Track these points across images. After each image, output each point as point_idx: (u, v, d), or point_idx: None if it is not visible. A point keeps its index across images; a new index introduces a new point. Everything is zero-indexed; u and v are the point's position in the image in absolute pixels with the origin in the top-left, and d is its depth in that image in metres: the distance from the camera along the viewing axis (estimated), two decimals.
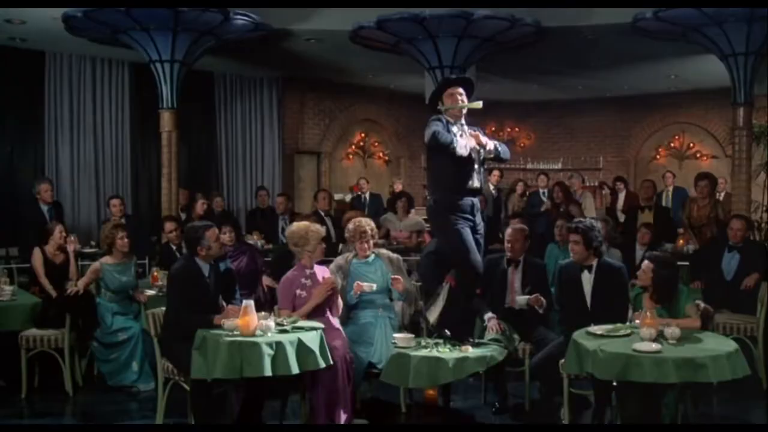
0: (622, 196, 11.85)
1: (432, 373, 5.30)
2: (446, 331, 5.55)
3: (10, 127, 11.15)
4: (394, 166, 16.09)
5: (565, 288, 5.91)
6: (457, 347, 5.47)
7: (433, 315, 5.78)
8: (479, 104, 5.75)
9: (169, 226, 8.51)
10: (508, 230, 6.55)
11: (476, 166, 5.66)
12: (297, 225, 5.95)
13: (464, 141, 5.52)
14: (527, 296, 6.22)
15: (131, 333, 6.85)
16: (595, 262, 5.77)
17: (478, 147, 5.59)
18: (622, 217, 11.27)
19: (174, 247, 8.27)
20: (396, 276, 6.12)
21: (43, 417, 6.21)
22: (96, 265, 7.14)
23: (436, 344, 5.48)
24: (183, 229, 7.45)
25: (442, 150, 5.47)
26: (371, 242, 6.24)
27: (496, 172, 12.99)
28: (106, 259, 7.10)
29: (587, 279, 5.78)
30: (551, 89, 15.05)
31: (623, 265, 5.93)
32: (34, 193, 9.31)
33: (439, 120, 5.60)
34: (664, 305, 5.52)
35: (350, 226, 6.25)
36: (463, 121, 5.70)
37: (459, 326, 5.72)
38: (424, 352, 5.39)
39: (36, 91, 11.31)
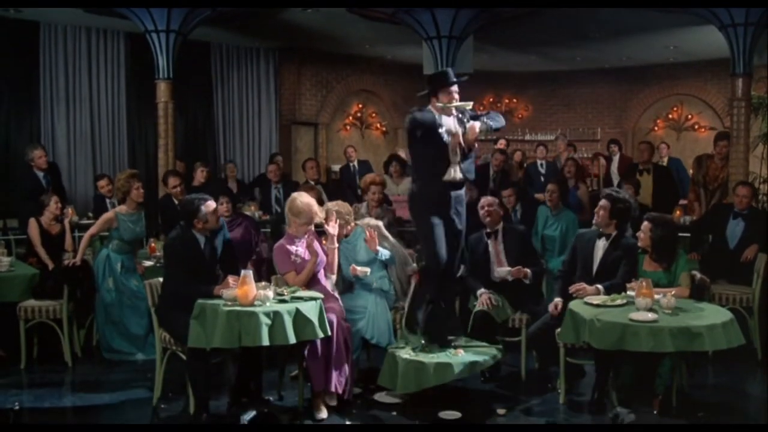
0: (616, 159, 11.81)
1: (418, 377, 5.41)
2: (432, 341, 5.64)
3: (5, 98, 11.08)
4: (391, 137, 16.04)
5: (578, 250, 5.99)
6: (449, 352, 5.57)
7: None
8: (469, 104, 5.70)
9: (172, 181, 8.59)
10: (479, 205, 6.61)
11: (458, 158, 5.55)
12: (310, 201, 5.84)
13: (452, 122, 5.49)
14: (508, 268, 6.29)
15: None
16: (614, 233, 5.83)
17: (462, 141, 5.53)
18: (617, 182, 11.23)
19: (177, 201, 8.31)
20: (369, 234, 6.07)
21: (43, 387, 6.23)
22: (110, 214, 7.13)
23: (427, 350, 5.59)
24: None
25: (424, 135, 5.43)
26: (352, 225, 6.22)
27: (502, 141, 12.98)
28: (121, 209, 7.11)
29: (601, 246, 5.87)
30: (549, 60, 14.97)
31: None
32: (28, 161, 9.25)
33: (421, 110, 5.53)
34: (665, 268, 5.56)
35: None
36: (453, 113, 5.59)
37: (445, 327, 5.79)
38: (409, 356, 5.50)
39: (30, 62, 11.23)
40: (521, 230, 6.77)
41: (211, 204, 5.56)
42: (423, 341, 5.71)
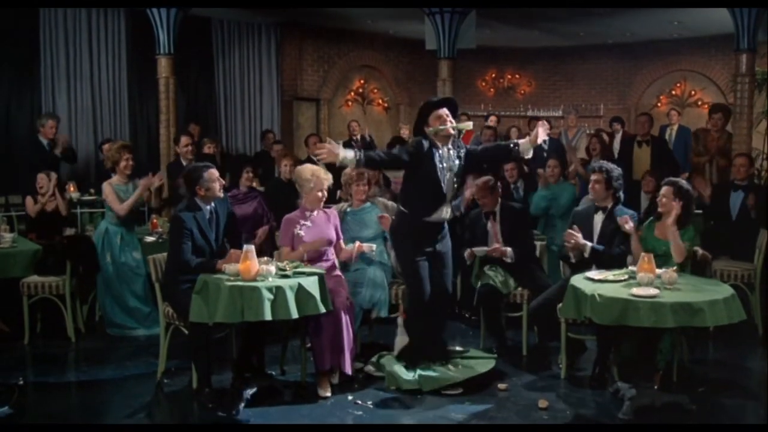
0: (618, 137, 11.83)
1: (400, 382, 5.47)
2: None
3: (6, 75, 11.01)
4: (393, 113, 15.98)
5: (576, 225, 5.96)
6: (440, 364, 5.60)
7: (397, 347, 5.85)
8: (469, 125, 5.66)
9: (185, 140, 8.70)
10: (474, 188, 6.61)
11: (449, 195, 5.50)
12: (305, 167, 5.97)
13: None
14: (485, 248, 6.33)
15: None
16: (610, 205, 5.85)
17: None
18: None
19: (185, 163, 8.30)
20: (383, 214, 6.13)
21: (46, 362, 6.27)
22: (105, 186, 7.10)
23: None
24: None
25: (421, 169, 5.38)
26: (366, 187, 6.24)
27: (492, 118, 12.90)
28: (114, 179, 7.11)
29: (598, 220, 5.90)
30: (552, 36, 14.86)
31: (635, 213, 5.96)
32: (37, 127, 9.32)
33: (420, 144, 5.41)
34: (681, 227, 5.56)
35: (347, 170, 6.22)
36: (450, 145, 5.46)
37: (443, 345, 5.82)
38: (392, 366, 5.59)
39: (31, 38, 11.16)
40: (518, 209, 6.78)
41: (214, 172, 5.54)
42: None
